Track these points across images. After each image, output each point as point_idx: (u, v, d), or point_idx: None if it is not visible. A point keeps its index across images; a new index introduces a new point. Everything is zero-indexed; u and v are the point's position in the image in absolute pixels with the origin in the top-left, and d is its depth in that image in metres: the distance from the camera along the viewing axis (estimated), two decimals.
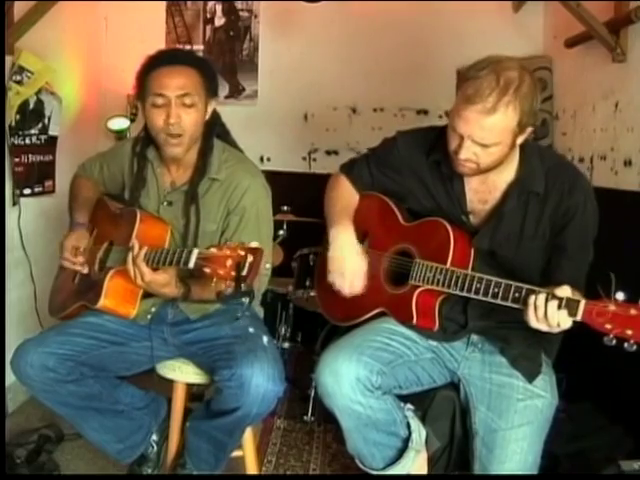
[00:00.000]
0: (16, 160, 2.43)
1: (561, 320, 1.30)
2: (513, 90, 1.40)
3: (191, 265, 1.43)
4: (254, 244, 1.38)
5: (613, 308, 1.23)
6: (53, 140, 2.67)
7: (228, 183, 1.75)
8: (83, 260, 1.80)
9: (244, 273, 1.34)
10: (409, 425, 1.61)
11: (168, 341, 1.79)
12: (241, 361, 1.55)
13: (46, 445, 2.15)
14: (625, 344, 1.23)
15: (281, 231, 2.71)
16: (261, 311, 1.94)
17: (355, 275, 1.64)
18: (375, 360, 1.55)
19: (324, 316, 1.86)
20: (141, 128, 1.86)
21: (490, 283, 1.43)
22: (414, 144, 1.69)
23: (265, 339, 1.70)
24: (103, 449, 1.83)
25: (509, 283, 1.40)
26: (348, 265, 1.64)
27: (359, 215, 1.76)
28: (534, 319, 1.33)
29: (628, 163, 2.24)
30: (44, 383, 1.63)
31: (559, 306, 1.29)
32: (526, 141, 1.52)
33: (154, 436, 1.89)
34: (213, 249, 1.39)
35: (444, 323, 1.62)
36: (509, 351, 1.59)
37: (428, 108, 3.20)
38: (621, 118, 2.30)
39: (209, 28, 3.33)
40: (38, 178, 2.59)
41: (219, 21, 3.32)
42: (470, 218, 1.63)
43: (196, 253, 1.43)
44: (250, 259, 1.34)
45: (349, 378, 1.50)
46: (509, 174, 1.57)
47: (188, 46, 3.29)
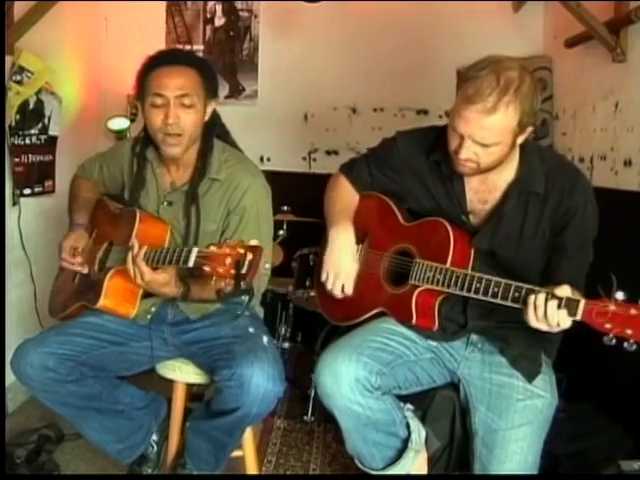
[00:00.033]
0: (16, 160, 2.43)
1: (561, 320, 1.30)
2: (513, 90, 1.40)
3: (191, 264, 1.43)
4: (254, 242, 1.38)
5: (613, 308, 1.23)
6: (53, 140, 2.67)
7: (228, 183, 1.75)
8: (81, 260, 1.80)
9: (244, 271, 1.34)
10: (409, 425, 1.61)
11: (168, 341, 1.79)
12: (241, 361, 1.55)
13: (46, 445, 2.15)
14: (625, 344, 1.23)
15: (281, 231, 2.71)
16: (261, 311, 1.94)
17: (347, 278, 1.66)
18: (374, 360, 1.55)
19: (324, 316, 1.86)
20: (141, 128, 1.86)
21: (490, 283, 1.43)
22: (414, 144, 1.69)
23: (265, 339, 1.70)
24: (103, 449, 1.83)
25: (509, 283, 1.40)
26: (343, 267, 1.65)
27: (359, 215, 1.77)
28: (534, 319, 1.33)
29: (628, 163, 2.24)
30: (44, 383, 1.63)
31: (559, 306, 1.29)
32: (526, 141, 1.52)
33: (154, 436, 1.89)
34: (213, 247, 1.39)
35: (444, 323, 1.62)
36: (509, 351, 1.59)
37: (428, 108, 3.20)
38: (621, 118, 2.30)
39: (209, 28, 3.33)
40: (38, 178, 2.59)
41: (219, 21, 3.32)
42: (470, 218, 1.63)
43: (196, 251, 1.43)
44: (250, 257, 1.35)
45: (348, 378, 1.50)
46: (509, 174, 1.57)
47: (188, 46, 3.29)
